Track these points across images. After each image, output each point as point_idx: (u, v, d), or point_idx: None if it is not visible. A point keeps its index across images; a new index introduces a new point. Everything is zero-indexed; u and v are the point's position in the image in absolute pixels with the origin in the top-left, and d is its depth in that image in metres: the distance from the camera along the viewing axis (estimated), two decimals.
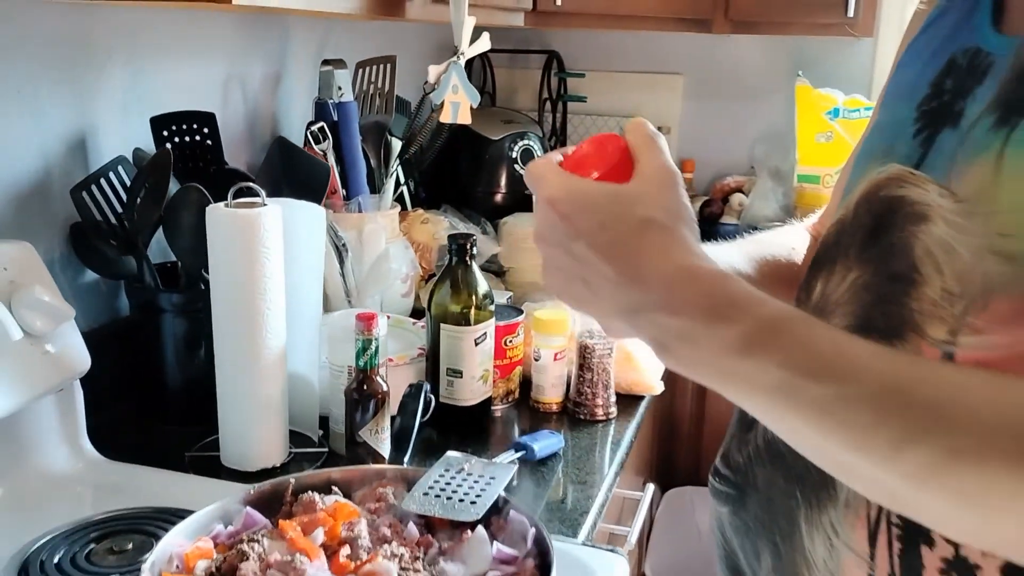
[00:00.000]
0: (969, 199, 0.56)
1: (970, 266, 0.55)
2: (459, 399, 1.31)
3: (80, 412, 1.15)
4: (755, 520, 0.68)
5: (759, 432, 0.69)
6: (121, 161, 1.27)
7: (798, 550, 0.63)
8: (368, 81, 1.75)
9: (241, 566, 0.82)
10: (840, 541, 0.60)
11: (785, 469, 0.65)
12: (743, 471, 0.70)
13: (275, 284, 1.12)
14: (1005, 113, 0.56)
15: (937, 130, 0.62)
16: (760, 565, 0.67)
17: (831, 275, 0.67)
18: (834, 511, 0.60)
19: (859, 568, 0.59)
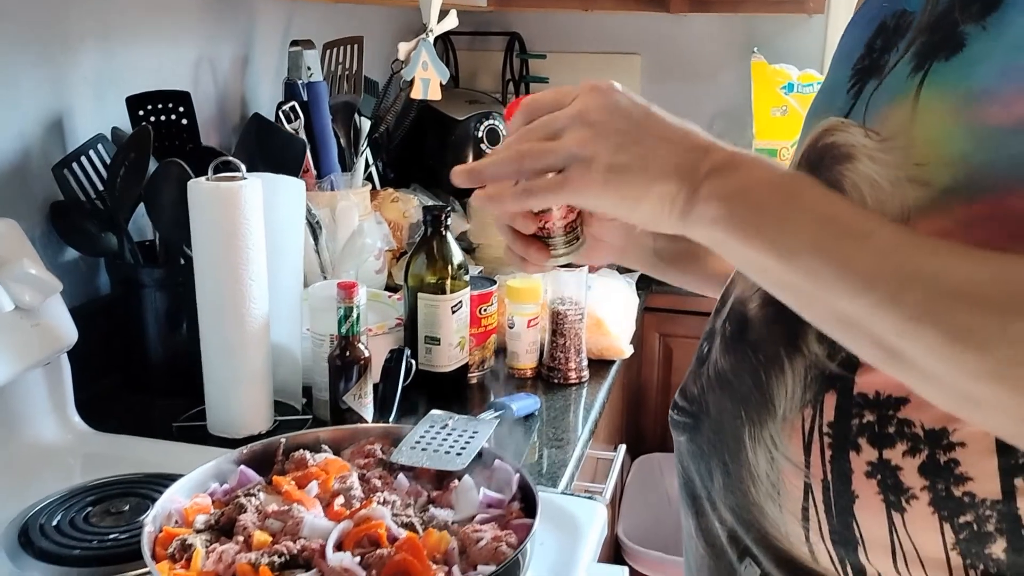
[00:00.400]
0: (890, 137, 0.61)
1: (890, 194, 0.60)
2: (437, 365, 1.35)
3: (68, 384, 1.18)
4: (708, 444, 0.72)
5: (711, 364, 0.74)
6: (100, 139, 1.29)
7: (744, 466, 0.67)
8: (336, 62, 1.78)
9: (240, 518, 0.86)
10: (779, 453, 0.65)
11: (732, 392, 0.69)
12: (697, 400, 0.75)
13: (257, 255, 1.15)
14: (920, 59, 0.61)
15: (865, 82, 0.67)
16: (713, 485, 0.72)
17: None
18: (773, 425, 0.65)
19: (796, 476, 0.63)
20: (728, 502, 0.70)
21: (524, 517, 0.89)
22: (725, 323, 0.74)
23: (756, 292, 0.70)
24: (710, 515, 0.73)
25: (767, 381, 0.66)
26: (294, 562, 0.79)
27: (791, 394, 0.64)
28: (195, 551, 0.81)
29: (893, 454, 0.59)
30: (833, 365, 0.62)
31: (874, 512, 0.60)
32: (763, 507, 0.67)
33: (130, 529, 0.95)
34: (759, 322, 0.69)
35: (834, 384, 0.62)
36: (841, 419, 0.62)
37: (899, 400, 0.59)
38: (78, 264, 1.37)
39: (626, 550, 1.90)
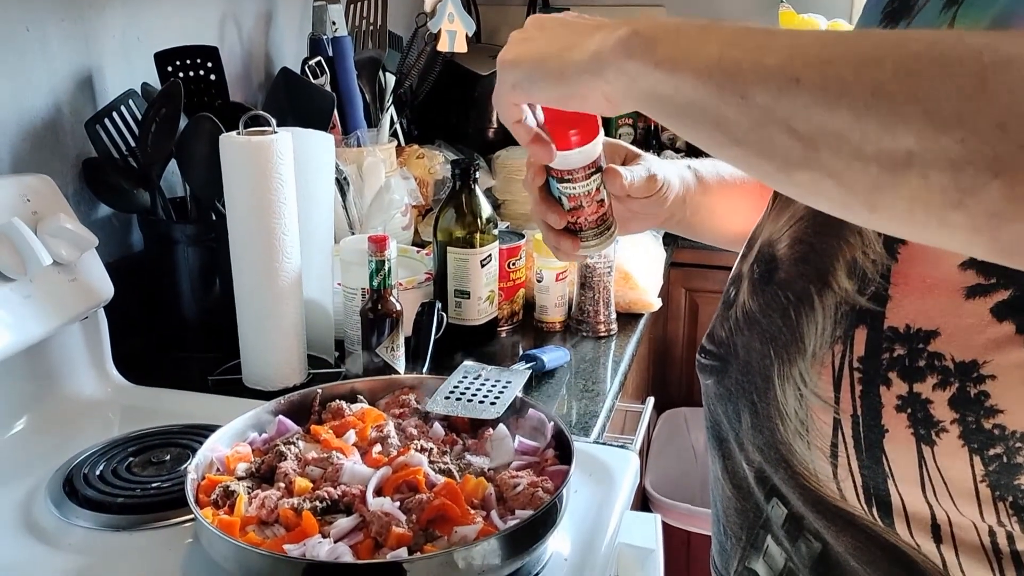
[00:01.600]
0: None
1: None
2: (467, 319, 1.36)
3: (105, 339, 1.19)
4: (735, 384, 0.72)
5: (738, 307, 0.74)
6: (131, 95, 1.29)
7: (772, 404, 0.68)
8: (360, 16, 1.77)
9: (280, 465, 0.87)
10: (808, 390, 0.65)
11: (760, 332, 0.69)
12: (725, 343, 0.75)
13: (289, 209, 1.16)
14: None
15: (895, 25, 0.66)
16: (740, 426, 0.72)
17: None
18: (802, 363, 0.65)
19: (825, 413, 0.63)
20: (756, 441, 0.70)
21: (559, 464, 0.90)
22: (753, 266, 0.74)
23: (786, 232, 0.70)
24: (737, 456, 0.74)
25: (797, 319, 0.66)
26: (335, 507, 0.81)
27: (821, 331, 0.64)
28: (238, 497, 0.82)
29: (923, 387, 0.59)
30: (863, 300, 0.62)
31: (904, 446, 0.60)
32: (791, 445, 0.67)
33: (172, 478, 0.97)
34: (788, 262, 0.69)
35: (864, 319, 0.62)
36: (872, 354, 0.61)
37: (929, 333, 0.59)
38: (111, 221, 1.38)
39: (653, 501, 1.91)
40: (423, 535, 0.77)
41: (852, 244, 0.64)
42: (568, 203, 0.78)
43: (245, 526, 0.80)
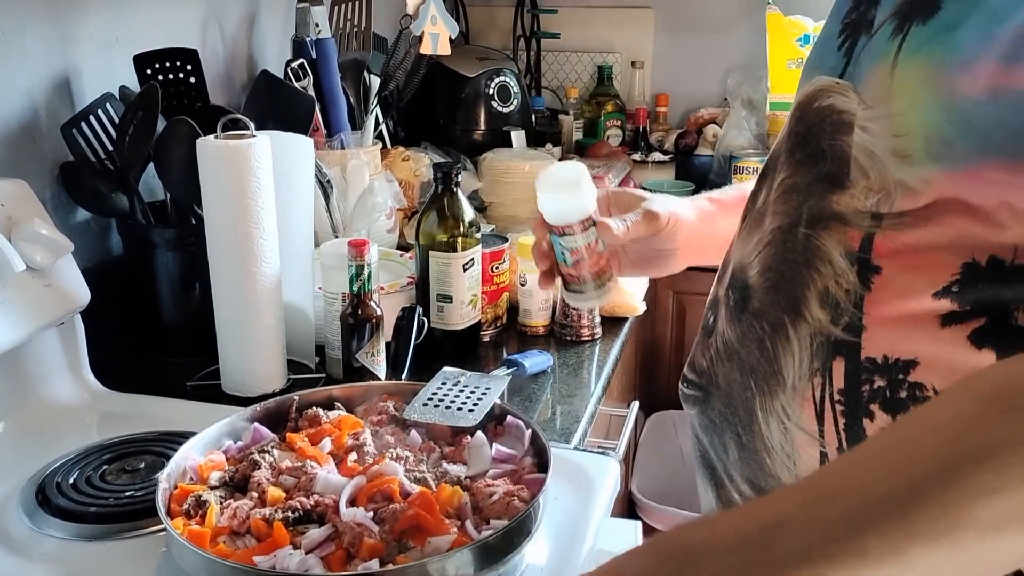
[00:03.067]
0: (874, 104, 0.61)
1: (883, 164, 0.60)
2: (450, 323, 1.35)
3: (82, 344, 1.18)
4: (719, 416, 0.72)
5: (718, 335, 0.73)
6: (109, 98, 1.28)
7: (758, 437, 0.67)
8: (344, 18, 1.76)
9: (254, 474, 0.86)
10: (792, 423, 0.64)
11: (740, 363, 0.69)
12: (707, 373, 0.74)
13: (268, 214, 1.15)
14: (900, 20, 0.60)
15: (856, 39, 0.65)
16: (728, 457, 0.71)
17: (771, 182, 0.71)
18: (783, 396, 0.64)
19: (811, 446, 0.63)
20: (744, 473, 0.69)
21: (537, 472, 0.89)
22: (728, 292, 0.73)
23: (755, 258, 0.69)
24: (728, 487, 0.73)
25: (774, 351, 0.66)
26: (308, 517, 0.80)
27: (798, 362, 0.64)
28: (209, 507, 0.81)
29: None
30: (838, 330, 0.62)
31: None
32: (779, 477, 0.66)
33: (146, 486, 0.95)
34: (760, 290, 0.68)
35: (841, 350, 0.61)
36: (851, 386, 0.61)
37: (908, 363, 0.59)
38: (90, 225, 1.37)
39: (640, 506, 1.91)
40: (396, 546, 0.76)
41: (823, 273, 0.63)
42: (571, 257, 0.84)
43: (216, 537, 0.79)
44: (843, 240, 0.62)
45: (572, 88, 2.61)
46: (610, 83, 2.57)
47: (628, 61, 2.61)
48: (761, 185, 0.74)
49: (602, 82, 2.57)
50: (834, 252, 0.62)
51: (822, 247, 0.63)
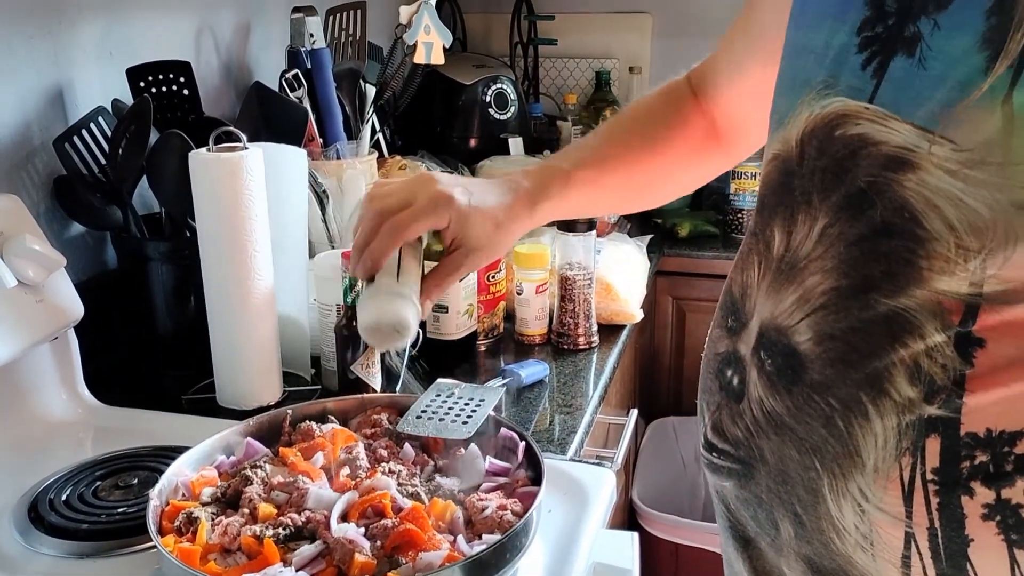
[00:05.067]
0: (974, 148, 0.53)
1: (989, 220, 0.53)
2: (445, 333, 1.34)
3: (76, 359, 1.18)
4: (768, 493, 0.66)
5: (752, 403, 0.66)
6: (101, 112, 1.28)
7: (824, 518, 0.62)
8: (339, 28, 1.76)
9: (246, 490, 0.86)
10: (871, 505, 0.59)
11: (797, 442, 0.63)
12: (745, 445, 0.67)
13: (261, 226, 1.14)
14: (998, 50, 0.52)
15: (888, 58, 0.58)
16: (779, 535, 0.66)
17: (792, 224, 0.64)
18: (861, 478, 0.59)
19: (895, 528, 0.58)
20: (802, 551, 0.64)
21: (530, 485, 0.88)
22: (759, 354, 0.66)
23: (801, 321, 0.62)
24: (771, 561, 0.68)
25: (848, 430, 0.59)
26: (299, 533, 0.79)
27: (882, 443, 0.58)
28: (201, 524, 0.81)
29: (1013, 492, 0.54)
30: (933, 408, 0.56)
31: (994, 553, 0.55)
32: (851, 557, 0.61)
33: (138, 503, 0.95)
34: (820, 361, 0.61)
35: (936, 428, 0.56)
36: (948, 463, 0.55)
37: (1015, 435, 0.54)
38: (85, 238, 1.37)
39: (640, 514, 1.90)
40: (387, 562, 0.75)
41: (911, 347, 0.56)
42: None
43: (207, 554, 0.78)
44: (938, 312, 0.55)
45: (570, 94, 2.61)
46: (608, 89, 2.57)
47: (626, 67, 2.61)
48: (771, 223, 0.66)
49: (600, 88, 2.57)
50: (927, 325, 0.56)
51: (911, 319, 0.56)
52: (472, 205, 0.83)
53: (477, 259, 0.86)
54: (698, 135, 0.96)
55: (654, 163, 0.96)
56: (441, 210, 0.82)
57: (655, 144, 0.95)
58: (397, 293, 0.79)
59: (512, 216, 0.86)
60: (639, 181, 0.97)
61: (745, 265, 0.70)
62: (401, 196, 0.83)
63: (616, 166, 0.93)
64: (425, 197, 0.82)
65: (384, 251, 0.81)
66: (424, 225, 0.83)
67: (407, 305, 0.79)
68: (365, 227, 0.82)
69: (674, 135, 0.96)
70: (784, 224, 0.65)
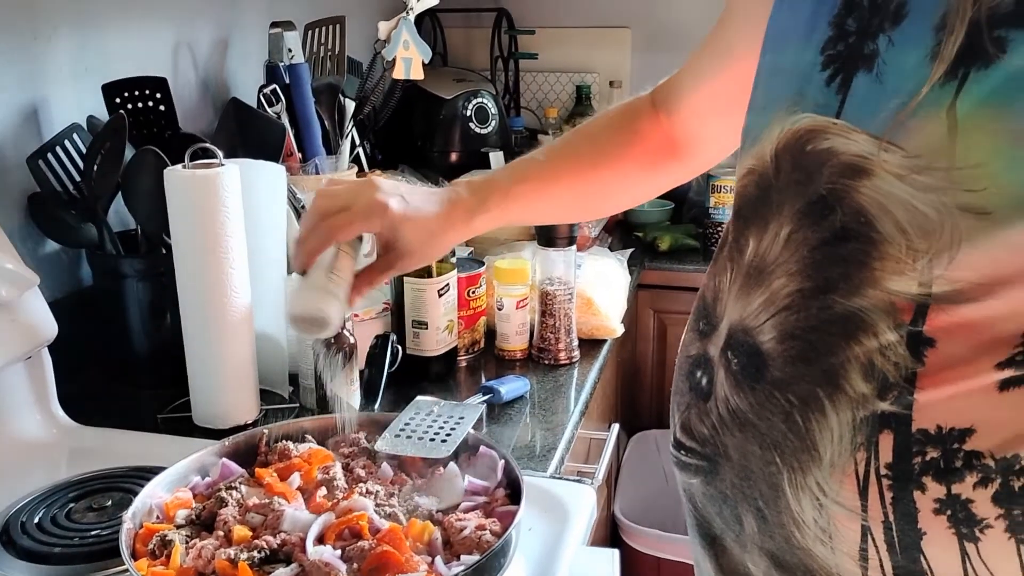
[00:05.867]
0: (921, 154, 0.56)
1: (936, 222, 0.55)
2: (425, 350, 1.33)
3: (50, 379, 1.16)
4: (732, 489, 0.68)
5: (718, 401, 0.69)
6: (76, 129, 1.27)
7: (784, 512, 0.63)
8: (318, 43, 1.75)
9: (221, 512, 0.85)
10: (829, 499, 0.60)
11: (759, 437, 0.65)
12: (711, 442, 0.70)
13: (237, 243, 1.13)
14: (952, 65, 0.55)
15: (851, 74, 0.61)
16: (743, 530, 0.67)
17: (763, 232, 0.66)
18: (819, 472, 0.61)
19: (851, 520, 0.60)
20: (765, 546, 0.66)
21: (510, 504, 0.87)
22: (727, 354, 0.68)
23: (767, 321, 0.64)
24: (736, 555, 0.70)
25: (806, 425, 0.61)
26: (274, 556, 0.78)
27: (838, 438, 0.60)
28: (174, 547, 0.79)
29: (963, 488, 0.56)
30: (886, 404, 0.58)
31: (945, 546, 0.57)
32: (811, 550, 0.63)
33: (112, 525, 0.93)
34: (781, 359, 0.63)
35: (889, 423, 0.58)
36: (901, 459, 0.57)
37: (964, 431, 0.55)
38: (60, 256, 1.35)
39: (623, 529, 1.89)
40: None
41: (865, 344, 0.59)
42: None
43: None
44: (890, 311, 0.58)
45: (551, 108, 2.61)
46: (589, 102, 2.57)
47: (606, 80, 2.62)
48: (745, 233, 0.69)
49: (581, 101, 2.57)
50: (880, 324, 0.58)
51: (865, 318, 0.59)
52: (407, 214, 0.87)
53: (407, 263, 0.91)
54: (652, 147, 0.99)
55: (602, 173, 0.99)
56: (375, 217, 0.86)
57: (605, 155, 0.98)
58: (324, 288, 0.84)
59: (447, 227, 0.90)
60: (586, 191, 1.00)
61: (718, 271, 0.72)
62: (344, 198, 0.87)
63: (562, 176, 0.97)
64: (362, 203, 0.86)
65: (317, 248, 0.86)
66: (357, 229, 0.87)
67: (331, 300, 0.83)
68: (307, 223, 0.87)
69: (626, 146, 0.99)
70: (758, 233, 0.67)
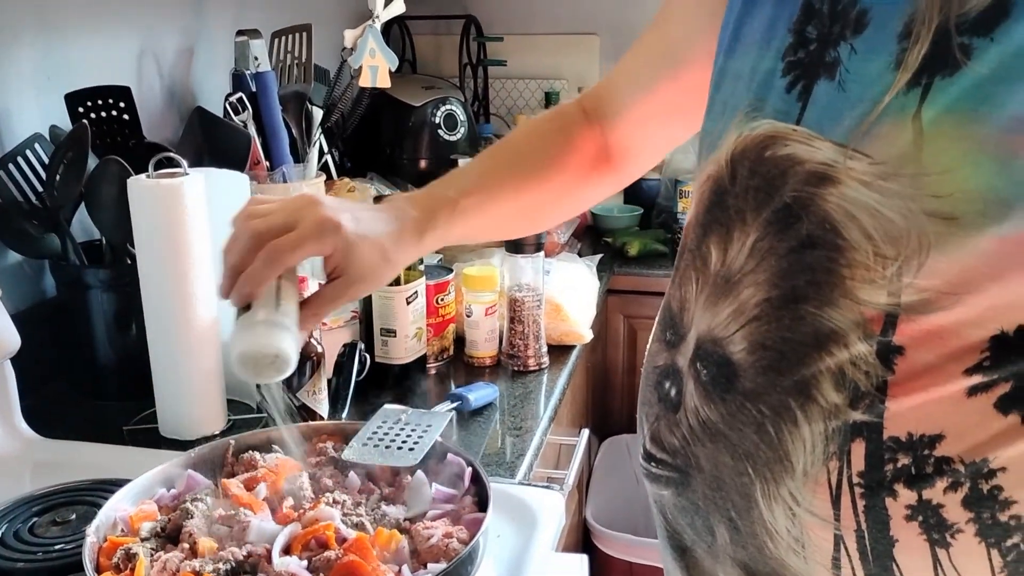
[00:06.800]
0: (886, 161, 0.56)
1: (903, 228, 0.56)
2: (394, 358, 1.33)
3: (13, 391, 1.15)
4: (704, 499, 0.67)
5: (688, 412, 0.68)
6: (38, 139, 1.25)
7: (757, 522, 0.63)
8: (285, 51, 1.75)
9: (186, 524, 0.84)
10: (802, 509, 0.61)
11: (730, 448, 0.64)
12: (682, 453, 0.69)
13: (202, 253, 1.13)
14: (916, 73, 0.56)
15: (812, 81, 0.61)
16: (715, 541, 0.67)
17: (727, 241, 0.66)
18: (792, 482, 0.61)
19: (824, 529, 0.60)
20: (738, 556, 0.66)
21: (477, 511, 0.87)
22: (696, 365, 0.68)
23: (736, 332, 0.64)
24: (708, 568, 0.70)
25: (778, 436, 0.61)
26: (240, 568, 0.77)
27: (811, 448, 0.60)
28: (138, 560, 0.79)
29: (933, 493, 0.56)
30: (858, 413, 0.58)
31: (916, 552, 0.57)
32: (784, 560, 0.63)
33: (76, 539, 0.92)
34: (752, 370, 0.63)
35: (860, 432, 0.58)
36: (873, 467, 0.58)
37: (934, 438, 0.56)
38: (22, 267, 1.34)
39: (595, 534, 1.89)
40: None
41: (836, 355, 0.59)
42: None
43: None
44: (860, 322, 0.58)
45: (520, 114, 2.62)
46: None
47: (575, 87, 2.63)
48: (706, 240, 0.68)
49: (549, 108, 2.58)
50: (851, 335, 0.58)
51: (836, 329, 0.59)
52: (359, 233, 0.76)
53: (359, 289, 0.79)
54: (588, 159, 0.95)
55: (542, 188, 0.93)
56: (327, 237, 0.74)
57: (543, 170, 0.93)
58: (276, 323, 0.72)
59: (399, 247, 0.80)
60: (526, 206, 0.94)
61: (683, 281, 0.72)
62: (282, 217, 0.74)
63: (502, 193, 0.90)
64: (311, 221, 0.74)
65: (264, 278, 0.73)
66: (307, 252, 0.74)
67: (286, 336, 0.71)
68: (240, 247, 0.74)
69: (564, 160, 0.94)
70: (720, 241, 0.67)
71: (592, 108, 0.96)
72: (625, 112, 0.93)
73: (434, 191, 0.87)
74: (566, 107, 0.98)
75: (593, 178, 0.97)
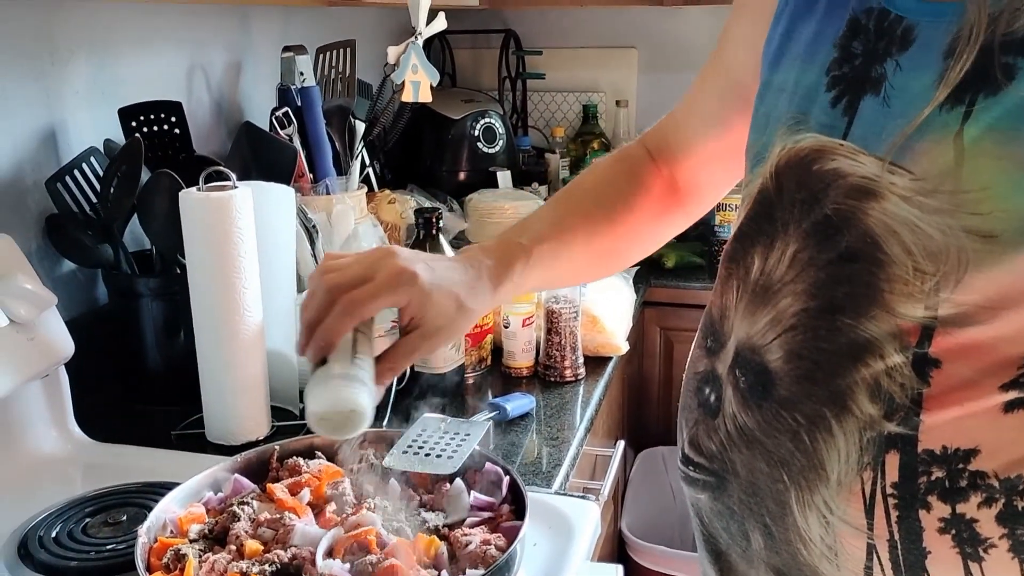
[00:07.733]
0: (927, 177, 0.57)
1: (941, 244, 0.56)
2: (433, 367, 1.36)
3: (67, 396, 1.19)
4: (740, 505, 0.68)
5: (726, 418, 0.69)
6: (93, 152, 1.30)
7: (791, 529, 0.64)
8: (329, 66, 1.79)
9: (233, 526, 0.87)
10: (835, 517, 0.61)
11: (766, 455, 0.65)
12: (719, 458, 0.70)
13: (250, 264, 1.16)
14: (957, 91, 0.57)
15: (857, 97, 0.62)
16: (750, 545, 0.68)
17: (769, 251, 0.67)
18: (826, 490, 0.62)
19: (857, 539, 0.61)
20: (772, 562, 0.67)
21: (514, 519, 0.89)
22: (735, 372, 0.69)
23: (774, 341, 0.65)
24: (742, 572, 0.71)
25: (812, 445, 0.62)
26: (285, 570, 0.80)
27: (845, 457, 0.61)
28: (188, 561, 0.82)
29: (967, 507, 0.57)
30: (892, 425, 0.59)
31: (949, 565, 0.58)
32: (817, 567, 0.64)
33: (127, 539, 0.96)
34: (788, 378, 0.64)
35: (895, 444, 0.59)
36: (907, 478, 0.58)
37: (969, 452, 0.57)
38: (76, 275, 1.38)
39: (630, 545, 1.90)
40: None
41: (872, 366, 0.60)
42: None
43: None
44: (897, 334, 0.59)
45: (558, 127, 2.64)
46: (595, 122, 2.60)
47: (613, 100, 2.65)
48: (750, 251, 0.70)
49: (587, 121, 2.60)
50: (887, 346, 0.59)
51: (872, 340, 0.60)
52: (435, 283, 0.75)
53: (435, 342, 0.78)
54: (657, 200, 0.95)
55: (615, 232, 0.92)
56: (403, 288, 0.74)
57: (615, 213, 0.92)
58: (352, 377, 0.71)
59: (474, 296, 0.78)
60: (599, 251, 0.92)
61: (724, 289, 0.73)
62: (358, 270, 0.74)
63: (575, 238, 0.88)
64: (386, 273, 0.74)
65: (339, 330, 0.72)
66: (383, 303, 0.75)
67: (362, 391, 0.71)
68: (317, 302, 0.74)
69: (635, 202, 0.93)
70: (763, 251, 0.68)
71: (656, 148, 0.95)
72: (693, 153, 0.92)
73: (507, 239, 0.85)
74: (631, 148, 0.97)
75: (664, 218, 0.97)
